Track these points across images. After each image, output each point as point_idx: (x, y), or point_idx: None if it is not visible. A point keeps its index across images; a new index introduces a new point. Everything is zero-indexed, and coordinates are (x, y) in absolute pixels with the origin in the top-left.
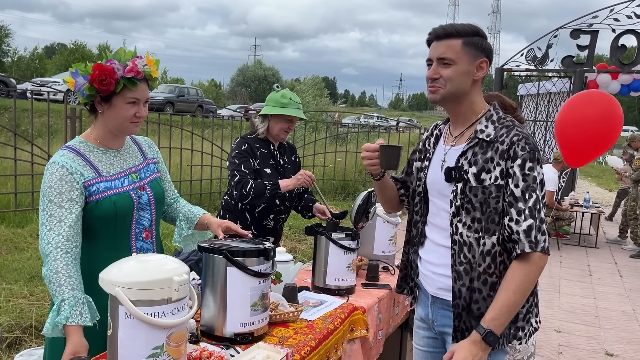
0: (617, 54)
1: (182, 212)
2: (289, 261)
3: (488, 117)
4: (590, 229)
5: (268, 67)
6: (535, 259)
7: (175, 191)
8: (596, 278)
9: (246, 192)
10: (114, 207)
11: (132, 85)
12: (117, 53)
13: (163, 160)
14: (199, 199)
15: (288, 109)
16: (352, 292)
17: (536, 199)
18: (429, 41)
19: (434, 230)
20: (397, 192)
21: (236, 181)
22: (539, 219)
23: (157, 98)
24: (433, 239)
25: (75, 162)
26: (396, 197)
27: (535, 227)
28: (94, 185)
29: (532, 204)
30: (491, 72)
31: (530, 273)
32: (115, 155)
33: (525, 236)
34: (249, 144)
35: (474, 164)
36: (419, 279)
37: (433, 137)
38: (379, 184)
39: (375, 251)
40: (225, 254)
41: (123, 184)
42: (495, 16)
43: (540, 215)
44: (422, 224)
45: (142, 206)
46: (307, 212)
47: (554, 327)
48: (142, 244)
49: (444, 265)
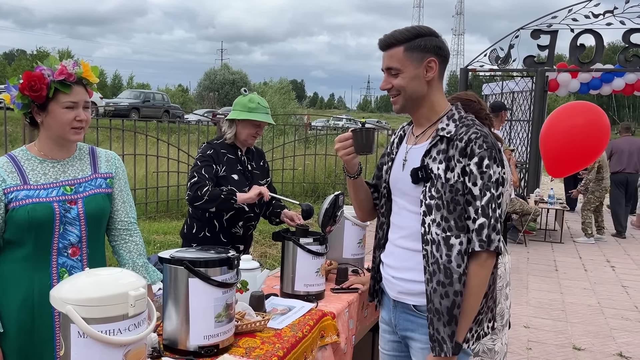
0: (577, 53)
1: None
2: (255, 269)
3: (450, 116)
4: (555, 225)
5: (236, 70)
6: (483, 258)
7: (132, 218)
8: (562, 273)
9: (201, 194)
10: (27, 215)
11: (65, 88)
12: (47, 60)
13: (126, 179)
14: (166, 206)
15: (256, 114)
16: (321, 297)
17: (491, 197)
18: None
19: (395, 230)
20: (371, 196)
21: (193, 182)
22: (493, 218)
23: (122, 104)
24: (392, 240)
25: (3, 168)
26: (370, 201)
27: (488, 226)
28: (13, 192)
29: (486, 202)
30: (456, 72)
31: (479, 272)
32: (53, 166)
33: (477, 234)
34: (214, 149)
35: (439, 162)
36: (382, 283)
37: (397, 138)
38: (353, 184)
39: (344, 254)
40: (186, 264)
41: (49, 195)
42: (459, 18)
43: (494, 214)
44: (386, 226)
45: (68, 220)
46: (275, 217)
47: (522, 323)
48: (66, 260)
49: (403, 269)
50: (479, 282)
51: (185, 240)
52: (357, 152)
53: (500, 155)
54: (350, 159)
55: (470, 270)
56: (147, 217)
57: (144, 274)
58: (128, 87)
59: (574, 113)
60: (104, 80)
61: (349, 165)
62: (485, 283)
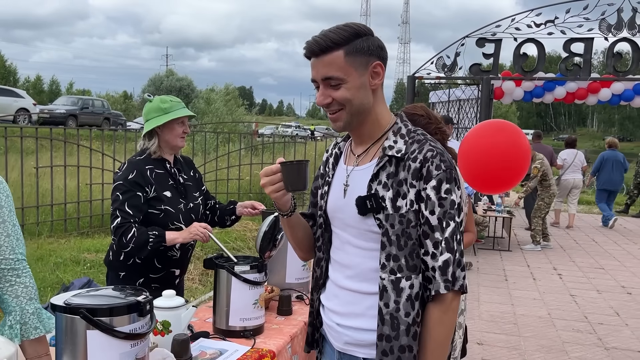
0: (520, 62)
1: (9, 307)
2: (179, 307)
3: (396, 131)
4: (503, 232)
5: (182, 76)
6: (448, 301)
7: (20, 255)
8: (512, 282)
9: (126, 241)
10: None
11: None
12: None
13: (12, 206)
14: (101, 220)
15: (176, 112)
16: (260, 332)
17: (454, 228)
18: (307, 57)
19: (338, 268)
20: (311, 230)
21: (116, 225)
22: (458, 252)
23: (58, 111)
24: (335, 280)
25: None
26: (310, 238)
27: (453, 262)
28: None
29: (450, 234)
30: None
31: (444, 320)
32: None
33: (441, 274)
34: (138, 169)
35: (389, 188)
36: (323, 329)
37: (332, 157)
38: (288, 223)
39: (287, 279)
40: (83, 313)
41: None
42: (405, 27)
43: (460, 246)
44: (325, 262)
45: None
46: (229, 216)
47: (475, 339)
48: None
49: (351, 315)
50: (446, 330)
51: (112, 269)
52: (287, 190)
53: (457, 174)
54: (280, 197)
55: (432, 318)
56: (79, 233)
57: (35, 323)
58: (67, 93)
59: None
60: (41, 86)
61: (280, 203)
62: (452, 330)
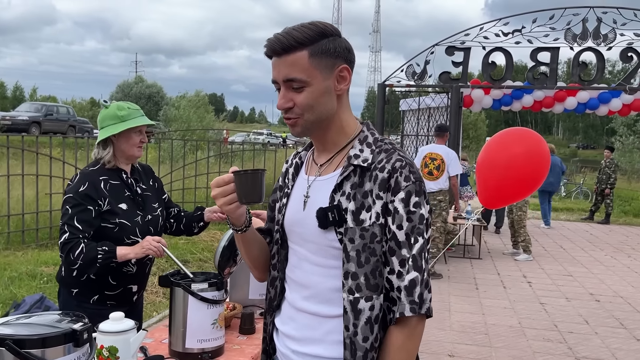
0: (488, 70)
1: None
2: (128, 330)
3: (362, 139)
4: (473, 240)
5: (151, 83)
6: (413, 324)
7: None
8: (482, 291)
9: (73, 258)
10: None
11: None
12: None
13: None
14: None
15: (133, 120)
16: (219, 353)
17: (422, 245)
18: (268, 56)
19: (294, 288)
20: (268, 247)
21: (64, 241)
22: (425, 271)
23: (20, 118)
24: (292, 301)
25: None
26: (267, 255)
27: (420, 282)
28: None
29: (418, 252)
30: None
31: (407, 345)
32: None
33: (407, 294)
34: (90, 181)
35: (352, 199)
36: (276, 357)
37: (293, 168)
38: (242, 239)
39: (250, 295)
40: (9, 345)
41: None
42: (375, 35)
43: (427, 265)
44: (280, 282)
45: None
46: (197, 223)
47: (447, 351)
48: None
49: (308, 341)
50: (408, 358)
51: (64, 285)
52: (241, 202)
53: (425, 187)
54: (233, 210)
55: (394, 343)
56: (37, 245)
57: None
58: (31, 99)
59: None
60: (4, 93)
61: (233, 217)
62: (414, 358)
